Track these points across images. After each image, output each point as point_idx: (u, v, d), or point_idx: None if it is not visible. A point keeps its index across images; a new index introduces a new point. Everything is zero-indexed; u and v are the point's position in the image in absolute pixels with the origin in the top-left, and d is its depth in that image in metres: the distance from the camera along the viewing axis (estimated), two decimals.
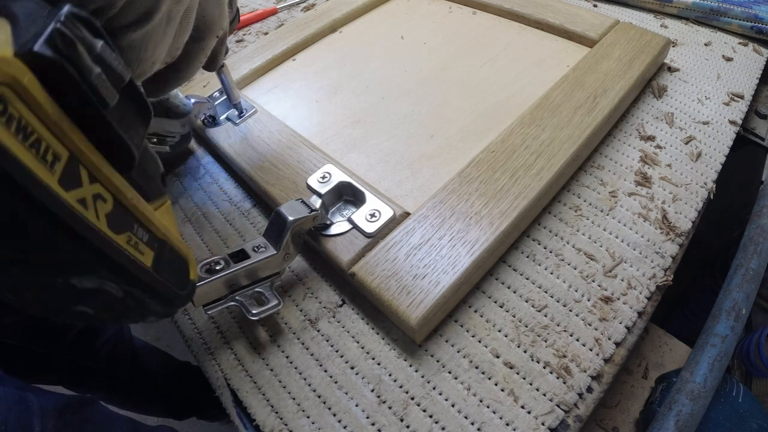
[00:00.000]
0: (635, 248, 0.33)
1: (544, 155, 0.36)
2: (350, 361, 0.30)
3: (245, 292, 0.30)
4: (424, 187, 0.38)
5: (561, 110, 0.39)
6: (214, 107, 0.46)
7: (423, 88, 0.47)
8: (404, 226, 0.33)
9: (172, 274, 0.20)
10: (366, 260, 0.31)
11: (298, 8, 0.67)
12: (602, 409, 0.31)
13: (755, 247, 0.33)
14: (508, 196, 0.33)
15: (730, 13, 0.50)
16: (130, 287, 0.17)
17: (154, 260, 0.18)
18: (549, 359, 0.28)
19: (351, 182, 0.36)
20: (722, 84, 0.45)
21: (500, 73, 0.47)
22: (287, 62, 0.53)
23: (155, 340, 1.12)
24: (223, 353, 0.32)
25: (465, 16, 0.56)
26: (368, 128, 0.44)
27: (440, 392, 0.28)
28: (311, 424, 0.28)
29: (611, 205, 0.36)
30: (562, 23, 0.49)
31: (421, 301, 0.28)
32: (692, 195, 0.36)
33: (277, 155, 0.40)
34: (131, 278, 0.17)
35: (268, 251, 0.30)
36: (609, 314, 0.30)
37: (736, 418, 0.29)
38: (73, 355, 0.61)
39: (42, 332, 0.57)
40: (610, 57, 0.43)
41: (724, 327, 0.29)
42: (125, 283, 0.17)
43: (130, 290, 0.17)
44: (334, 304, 0.33)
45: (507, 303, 0.31)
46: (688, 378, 0.28)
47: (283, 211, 0.30)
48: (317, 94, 0.48)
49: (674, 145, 0.40)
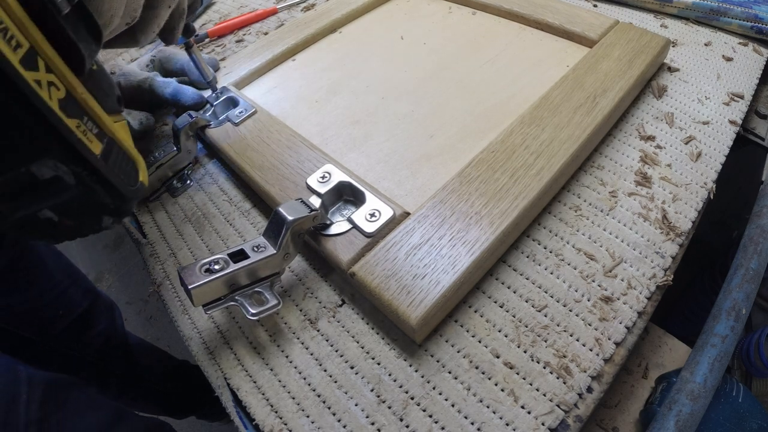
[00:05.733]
0: (635, 248, 0.33)
1: (544, 155, 0.36)
2: (350, 360, 0.30)
3: (245, 292, 0.30)
4: (424, 187, 0.38)
5: (561, 110, 0.39)
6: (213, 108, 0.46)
7: (423, 88, 0.47)
8: (404, 225, 0.33)
9: (121, 171, 0.22)
10: (366, 260, 0.31)
11: (298, 8, 0.67)
12: (602, 409, 0.31)
13: (755, 247, 0.33)
14: (508, 196, 0.33)
15: (730, 13, 0.50)
16: (80, 169, 0.19)
17: (103, 151, 0.21)
18: (549, 359, 0.28)
19: (351, 182, 0.36)
20: (722, 84, 0.45)
21: (500, 73, 0.47)
22: (287, 62, 0.53)
23: (155, 339, 1.12)
24: (223, 353, 0.32)
25: (465, 16, 0.56)
26: (368, 128, 0.44)
27: (440, 392, 0.28)
28: (311, 423, 0.28)
29: (611, 205, 0.36)
30: (562, 23, 0.49)
31: (421, 301, 0.28)
32: (692, 195, 0.36)
33: (277, 155, 0.40)
34: (81, 160, 0.19)
35: (267, 251, 0.30)
36: (609, 314, 0.30)
37: (736, 418, 0.28)
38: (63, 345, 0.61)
39: (32, 319, 0.57)
40: (609, 57, 0.43)
41: (724, 327, 0.29)
42: (76, 164, 0.19)
43: (80, 174, 0.19)
44: (334, 304, 0.33)
45: (507, 303, 0.31)
46: (688, 378, 0.27)
47: (283, 211, 0.30)
48: (317, 94, 0.48)
49: (674, 145, 0.40)
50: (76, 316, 0.62)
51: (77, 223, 0.22)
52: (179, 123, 0.40)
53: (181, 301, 0.36)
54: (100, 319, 0.66)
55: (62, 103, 0.18)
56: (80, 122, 0.20)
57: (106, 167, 0.21)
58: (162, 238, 0.40)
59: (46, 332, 0.59)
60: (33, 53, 0.17)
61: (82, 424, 0.48)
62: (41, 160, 0.18)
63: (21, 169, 0.18)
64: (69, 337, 0.62)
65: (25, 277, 0.56)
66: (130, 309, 1.21)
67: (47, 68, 0.18)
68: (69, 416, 0.46)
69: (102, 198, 0.21)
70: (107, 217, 0.23)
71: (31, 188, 0.18)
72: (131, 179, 0.23)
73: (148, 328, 1.17)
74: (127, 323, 0.86)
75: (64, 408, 0.46)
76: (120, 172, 0.22)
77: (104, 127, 0.21)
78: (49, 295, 0.59)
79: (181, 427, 0.80)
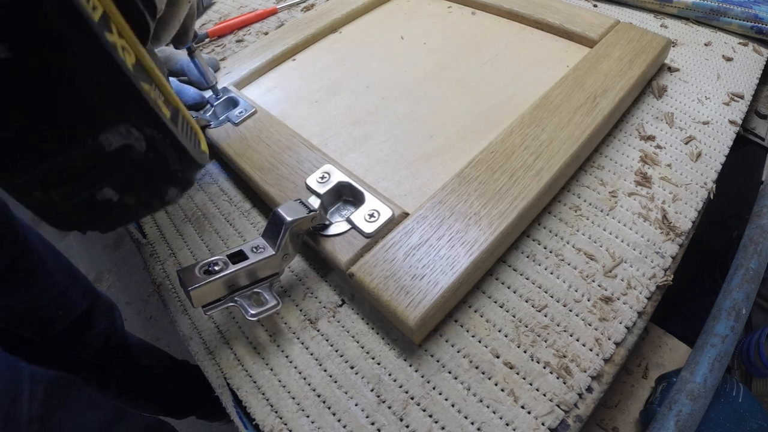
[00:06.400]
0: (635, 248, 0.33)
1: (543, 155, 0.36)
2: (350, 360, 0.30)
3: (244, 292, 0.30)
4: (423, 188, 0.38)
5: (561, 110, 0.39)
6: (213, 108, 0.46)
7: (423, 88, 0.47)
8: (403, 226, 0.33)
9: (188, 137, 0.22)
10: (365, 260, 0.31)
11: (298, 8, 0.67)
12: (602, 409, 0.31)
13: (755, 247, 0.33)
14: (508, 197, 0.33)
15: (730, 13, 0.50)
16: (153, 131, 0.19)
17: (171, 117, 0.20)
18: (549, 359, 0.28)
19: (350, 182, 0.36)
20: (722, 84, 0.45)
21: (500, 73, 0.47)
22: (287, 62, 0.53)
23: (155, 339, 1.12)
24: (223, 353, 0.32)
25: (464, 16, 0.56)
26: (368, 128, 0.44)
27: (440, 392, 0.28)
28: (311, 423, 0.28)
29: (611, 205, 0.36)
30: (562, 23, 0.49)
31: (419, 302, 0.28)
32: (692, 195, 0.36)
33: (277, 155, 0.40)
34: (156, 120, 0.19)
35: (266, 252, 0.30)
36: (609, 314, 0.30)
37: (736, 418, 0.28)
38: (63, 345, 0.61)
39: (32, 319, 0.57)
40: (610, 57, 0.43)
41: (724, 327, 0.29)
42: (151, 127, 0.19)
43: (154, 138, 0.19)
44: (333, 304, 0.33)
45: (507, 303, 0.31)
46: (688, 378, 0.27)
47: (281, 212, 0.30)
48: (317, 94, 0.48)
49: (674, 145, 0.40)
50: (75, 316, 0.62)
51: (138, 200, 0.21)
52: None
53: (181, 301, 0.36)
54: (100, 319, 0.67)
55: (135, 68, 0.18)
56: (150, 88, 0.19)
57: (177, 131, 0.21)
58: (162, 238, 0.40)
59: (46, 332, 0.59)
60: (107, 17, 0.17)
61: (84, 421, 0.48)
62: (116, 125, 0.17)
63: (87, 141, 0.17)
64: (69, 337, 0.62)
65: (25, 277, 0.56)
66: (130, 309, 1.21)
67: (119, 34, 0.18)
68: (71, 414, 0.46)
69: (173, 165, 0.21)
70: (173, 189, 0.22)
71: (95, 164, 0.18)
72: (196, 146, 0.23)
73: (148, 328, 1.17)
74: (127, 323, 0.86)
75: (66, 406, 0.46)
76: (187, 137, 0.22)
77: (169, 96, 0.21)
78: (49, 295, 0.59)
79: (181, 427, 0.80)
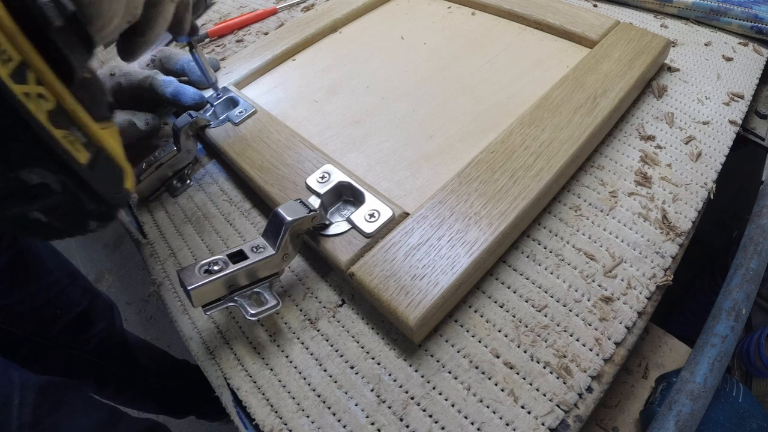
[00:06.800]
0: (635, 248, 0.33)
1: (543, 156, 0.36)
2: (350, 360, 0.30)
3: (244, 292, 0.30)
4: (423, 188, 0.38)
5: (561, 111, 0.39)
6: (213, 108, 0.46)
7: (423, 88, 0.47)
8: (403, 226, 0.33)
9: (107, 178, 0.23)
10: (365, 260, 0.31)
11: (298, 8, 0.67)
12: (602, 409, 0.31)
13: (755, 247, 0.33)
14: (508, 197, 0.33)
15: (730, 13, 0.50)
16: (66, 178, 0.20)
17: (90, 160, 0.22)
18: (549, 359, 0.28)
19: (350, 182, 0.36)
20: (722, 84, 0.45)
21: (500, 73, 0.47)
22: (287, 62, 0.53)
23: (155, 339, 1.12)
24: (223, 353, 0.32)
25: (465, 16, 0.56)
26: (368, 128, 0.44)
27: (440, 392, 0.28)
28: (311, 423, 0.28)
29: (611, 205, 0.36)
30: (562, 24, 0.49)
31: (419, 302, 0.28)
32: (692, 195, 0.36)
33: (277, 155, 0.40)
34: (67, 169, 0.20)
35: (266, 252, 0.30)
36: (609, 314, 0.30)
37: (736, 418, 0.28)
38: (62, 344, 0.61)
39: (31, 319, 0.57)
40: (610, 57, 0.43)
41: (724, 327, 0.29)
42: (62, 173, 0.20)
43: (66, 182, 0.20)
44: (333, 304, 0.33)
45: (507, 303, 0.31)
46: (688, 378, 0.27)
47: (281, 212, 0.30)
48: (317, 94, 0.48)
49: (674, 145, 0.40)
50: (74, 316, 0.62)
51: (64, 225, 0.23)
52: (179, 123, 0.40)
53: (181, 301, 0.36)
54: (99, 319, 0.67)
55: (51, 114, 0.19)
56: (68, 133, 0.20)
57: (91, 176, 0.22)
58: (162, 238, 0.40)
59: (45, 331, 0.59)
60: (23, 66, 0.18)
61: (78, 426, 0.48)
62: (29, 167, 0.19)
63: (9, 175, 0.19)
64: (68, 337, 0.62)
65: (24, 277, 0.56)
66: (130, 309, 1.21)
67: (37, 81, 0.19)
68: (63, 419, 0.46)
69: (87, 204, 0.22)
70: (92, 222, 0.24)
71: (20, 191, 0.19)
72: (117, 186, 0.24)
73: (148, 328, 1.17)
74: (127, 323, 0.86)
75: (59, 411, 0.46)
76: (105, 180, 0.23)
77: (92, 137, 0.22)
78: (48, 294, 0.59)
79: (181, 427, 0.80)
